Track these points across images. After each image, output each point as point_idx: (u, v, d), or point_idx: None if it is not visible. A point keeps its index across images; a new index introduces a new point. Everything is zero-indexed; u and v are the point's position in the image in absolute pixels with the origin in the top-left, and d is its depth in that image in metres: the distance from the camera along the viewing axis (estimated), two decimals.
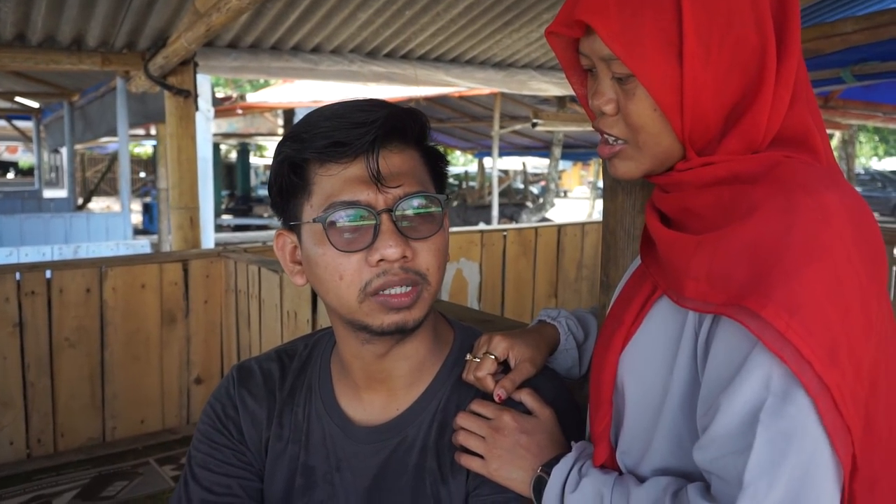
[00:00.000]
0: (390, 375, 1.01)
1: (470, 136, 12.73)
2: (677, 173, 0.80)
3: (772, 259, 0.67)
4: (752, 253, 0.68)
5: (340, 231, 0.89)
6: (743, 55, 0.75)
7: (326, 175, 0.90)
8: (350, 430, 1.02)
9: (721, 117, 0.77)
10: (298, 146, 0.91)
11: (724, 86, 0.75)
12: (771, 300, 0.65)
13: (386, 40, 4.32)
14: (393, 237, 0.88)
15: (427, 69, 4.62)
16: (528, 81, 5.02)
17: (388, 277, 0.89)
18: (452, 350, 1.05)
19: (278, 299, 3.11)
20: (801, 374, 0.63)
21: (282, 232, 0.99)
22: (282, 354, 1.13)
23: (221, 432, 1.07)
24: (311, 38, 4.14)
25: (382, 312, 0.91)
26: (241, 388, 1.09)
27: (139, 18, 3.62)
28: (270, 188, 0.98)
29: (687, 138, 0.78)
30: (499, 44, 4.60)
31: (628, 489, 0.80)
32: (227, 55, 3.95)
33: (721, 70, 0.75)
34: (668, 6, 0.74)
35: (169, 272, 3.59)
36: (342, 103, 0.93)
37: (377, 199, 0.89)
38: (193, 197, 3.82)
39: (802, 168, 0.73)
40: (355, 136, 0.88)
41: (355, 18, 3.92)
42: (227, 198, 15.93)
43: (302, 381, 1.09)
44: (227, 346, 3.76)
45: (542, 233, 4.86)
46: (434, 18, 4.09)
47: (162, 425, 3.66)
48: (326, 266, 0.91)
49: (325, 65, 4.27)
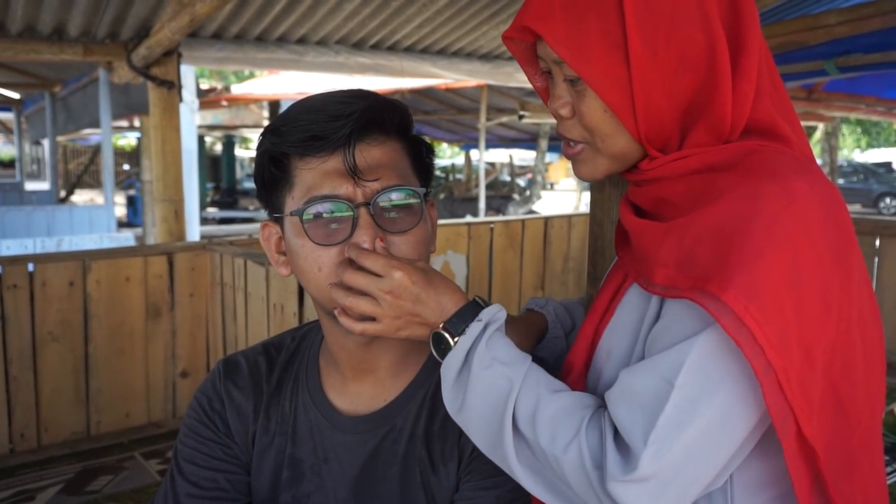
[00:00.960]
0: (376, 366, 1.01)
1: (456, 129, 12.71)
2: (649, 171, 0.81)
3: (735, 244, 0.68)
4: (715, 237, 0.70)
5: (318, 224, 0.90)
6: (691, 53, 0.76)
7: (306, 168, 0.90)
8: (337, 420, 1.02)
9: (676, 115, 0.78)
10: (277, 139, 0.91)
11: (674, 84, 0.76)
12: (732, 284, 0.66)
13: (372, 31, 4.29)
14: (369, 230, 0.88)
15: (413, 61, 4.60)
16: (514, 73, 5.01)
17: None
18: None
19: (265, 292, 3.09)
20: (752, 357, 0.65)
21: (267, 223, 0.99)
22: (269, 347, 1.12)
23: (208, 426, 1.07)
24: (296, 29, 4.11)
25: None
26: (227, 382, 1.08)
27: (122, 8, 3.57)
28: (255, 182, 0.98)
29: (644, 137, 0.79)
30: (485, 35, 4.58)
31: (538, 391, 0.78)
32: (212, 46, 3.91)
33: (670, 69, 0.76)
34: (611, 9, 0.75)
35: (154, 265, 3.56)
36: (323, 95, 0.92)
37: (355, 192, 0.89)
38: (178, 189, 3.79)
39: (774, 156, 0.74)
40: (332, 129, 0.87)
41: (341, 9, 3.89)
42: (213, 190, 15.81)
43: (289, 374, 1.09)
44: (212, 339, 3.74)
45: (529, 225, 4.86)
46: (420, 9, 4.07)
47: (147, 419, 3.64)
48: (306, 258, 0.91)
49: (310, 56, 4.24)
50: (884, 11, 3.92)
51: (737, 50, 0.76)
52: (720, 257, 0.69)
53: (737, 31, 0.77)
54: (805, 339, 0.67)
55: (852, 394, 0.70)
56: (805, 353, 0.67)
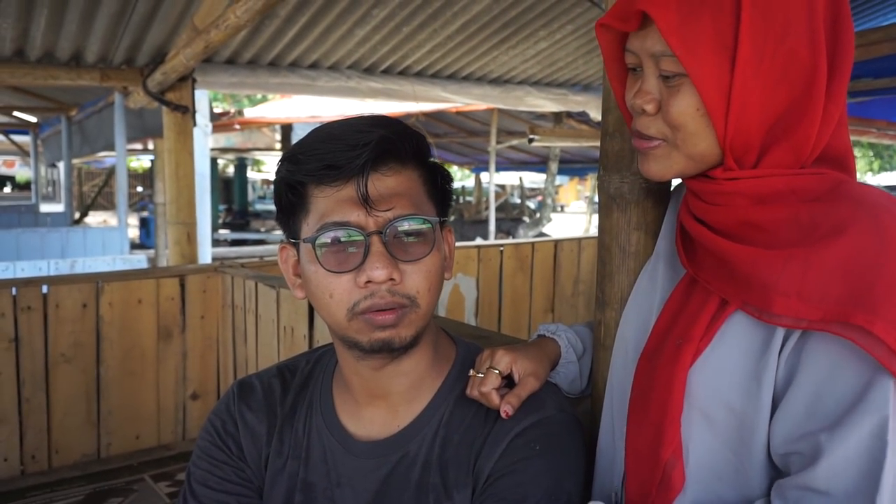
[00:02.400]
0: (389, 391, 1.01)
1: (467, 151, 12.77)
2: (725, 182, 0.80)
3: (871, 275, 0.69)
4: (848, 270, 0.70)
5: (330, 252, 0.91)
6: (793, 68, 0.75)
7: (321, 196, 0.92)
8: (351, 445, 1.02)
9: (764, 128, 0.77)
10: (294, 167, 0.93)
11: (771, 96, 0.76)
12: (878, 316, 0.67)
13: (383, 56, 4.34)
14: (381, 259, 0.89)
15: (424, 85, 4.64)
16: (524, 97, 5.05)
17: (375, 300, 0.91)
18: (455, 366, 1.05)
19: (275, 315, 3.10)
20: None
21: (285, 245, 1.01)
22: (283, 370, 1.13)
23: (221, 448, 1.07)
24: (308, 55, 4.17)
25: (369, 330, 0.92)
26: (241, 404, 1.09)
27: (138, 35, 3.64)
28: (276, 204, 1.00)
29: (728, 144, 0.78)
30: (495, 60, 4.63)
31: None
32: (226, 71, 3.97)
33: (771, 80, 0.75)
34: (727, 9, 0.74)
35: (166, 287, 3.58)
36: (342, 122, 0.94)
37: (367, 221, 0.90)
38: (191, 212, 3.83)
39: (864, 188, 0.76)
40: (347, 159, 0.89)
41: (353, 35, 3.95)
42: (225, 212, 15.93)
43: (303, 397, 1.09)
44: (223, 361, 3.75)
45: (539, 248, 4.86)
46: (431, 35, 4.12)
47: (157, 441, 3.64)
48: (318, 284, 0.93)
49: (322, 80, 4.29)
50: (892, 37, 3.94)
51: (832, 70, 0.76)
52: (857, 289, 0.69)
53: (835, 50, 0.76)
54: None
55: None
56: None
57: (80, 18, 3.47)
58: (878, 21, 5.14)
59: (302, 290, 1.00)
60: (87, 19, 3.49)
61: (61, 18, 3.47)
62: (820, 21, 0.75)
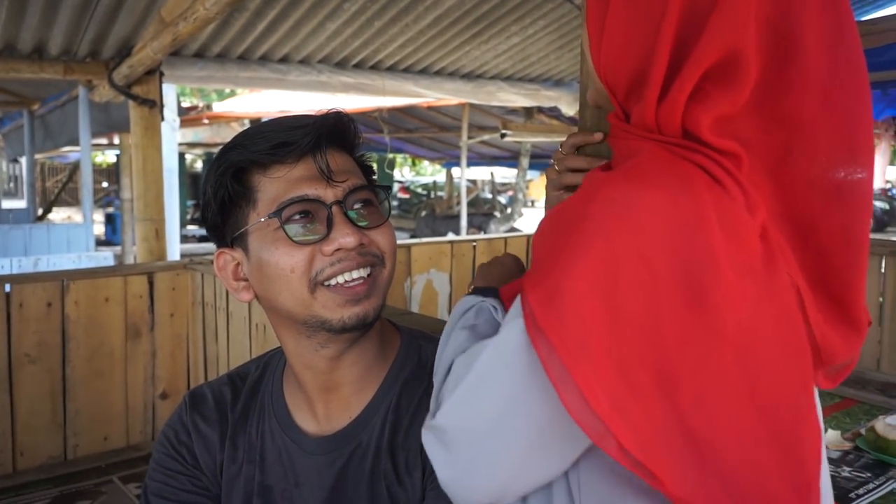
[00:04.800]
0: (342, 382, 1.01)
1: (438, 147, 12.75)
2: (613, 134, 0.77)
3: (558, 243, 0.65)
4: (550, 235, 0.68)
5: (294, 224, 0.92)
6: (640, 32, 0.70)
7: (271, 178, 0.93)
8: (305, 443, 1.03)
9: (627, 74, 0.72)
10: (241, 151, 0.94)
11: (629, 41, 0.71)
12: (540, 285, 0.64)
13: (355, 51, 4.31)
14: (349, 226, 0.92)
15: (396, 80, 4.61)
16: (496, 93, 5.04)
17: (345, 263, 0.91)
18: (400, 351, 1.06)
19: (247, 312, 3.06)
20: (546, 360, 0.63)
21: (222, 251, 1.00)
22: (234, 377, 1.13)
23: (175, 459, 1.08)
24: (279, 49, 4.11)
25: (339, 305, 0.92)
26: (193, 413, 1.09)
27: (103, 27, 3.56)
28: (206, 208, 0.99)
29: (603, 80, 0.76)
30: (467, 55, 4.62)
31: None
32: (194, 65, 3.90)
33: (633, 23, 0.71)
34: None
35: (134, 285, 3.51)
36: (275, 118, 0.98)
37: (326, 193, 0.92)
38: (159, 209, 3.76)
39: (651, 161, 0.67)
40: (299, 135, 0.91)
41: (324, 29, 3.91)
42: (193, 207, 15.71)
43: (254, 402, 1.09)
44: (193, 360, 3.69)
45: (512, 243, 4.87)
46: (403, 29, 4.09)
47: (126, 442, 3.57)
48: (277, 263, 0.92)
49: (293, 75, 4.24)
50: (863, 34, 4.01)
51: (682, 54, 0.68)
52: (546, 254, 0.66)
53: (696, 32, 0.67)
54: (619, 354, 0.62)
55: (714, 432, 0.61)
56: (620, 370, 0.61)
57: (43, 9, 3.38)
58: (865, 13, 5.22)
59: (248, 292, 0.99)
60: (51, 10, 3.40)
61: (23, 9, 3.38)
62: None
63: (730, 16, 0.65)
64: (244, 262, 0.97)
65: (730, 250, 0.63)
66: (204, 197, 0.99)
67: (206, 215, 1.00)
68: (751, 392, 0.62)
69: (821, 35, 0.66)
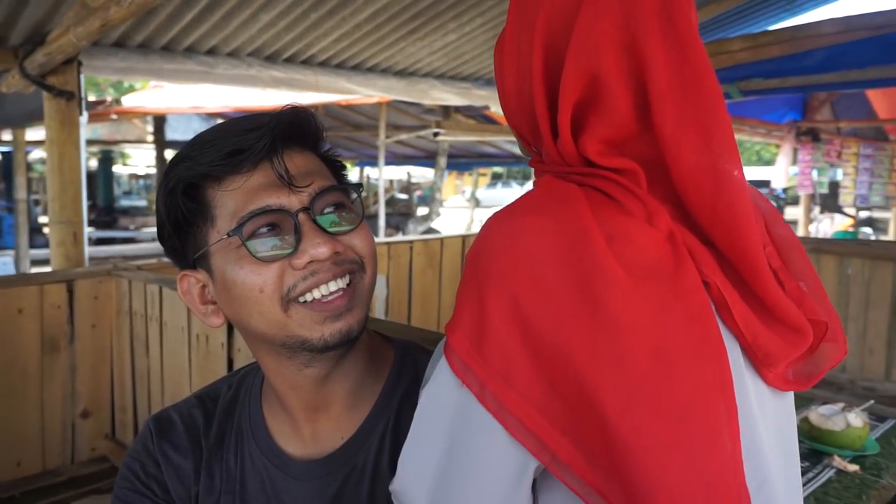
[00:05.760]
0: (331, 400, 0.92)
1: (352, 146, 12.55)
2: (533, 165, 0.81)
3: (462, 286, 0.69)
4: (463, 275, 0.71)
5: (256, 242, 0.82)
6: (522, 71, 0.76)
7: (227, 191, 0.83)
8: (292, 468, 0.93)
9: (525, 117, 0.77)
10: (190, 164, 0.83)
11: (520, 93, 0.76)
12: (458, 326, 0.67)
13: (287, 44, 4.11)
14: (319, 234, 0.82)
15: (328, 76, 4.45)
16: (428, 90, 4.96)
17: (319, 276, 0.82)
18: (394, 364, 0.98)
19: (185, 322, 2.84)
20: (481, 395, 0.65)
21: (185, 274, 0.89)
22: (203, 399, 1.02)
23: (144, 494, 0.96)
24: (207, 40, 3.87)
25: (318, 322, 0.83)
26: (161, 441, 0.98)
27: (11, 11, 3.22)
28: (161, 229, 0.88)
29: (510, 123, 0.80)
30: (402, 52, 4.51)
31: None
32: (114, 55, 3.60)
33: (519, 76, 0.76)
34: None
35: (51, 294, 3.20)
36: (226, 121, 0.87)
37: (290, 200, 0.83)
38: (77, 210, 3.45)
39: (540, 189, 0.73)
40: (252, 139, 0.82)
41: (257, 20, 3.70)
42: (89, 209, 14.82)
43: (230, 425, 0.99)
44: (118, 374, 3.41)
45: (448, 244, 4.81)
46: (339, 23, 3.94)
47: (42, 467, 3.26)
48: (244, 283, 0.82)
49: (221, 68, 4.00)
50: (781, 40, 4.19)
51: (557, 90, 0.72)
52: (458, 296, 0.70)
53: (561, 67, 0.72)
54: (546, 373, 0.64)
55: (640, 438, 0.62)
56: (552, 387, 0.64)
57: None
58: (768, 23, 5.46)
59: (218, 315, 0.89)
60: None
61: None
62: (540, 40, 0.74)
63: (582, 46, 0.70)
64: (209, 283, 0.87)
65: (625, 259, 0.66)
66: (158, 217, 0.89)
67: (162, 238, 0.90)
68: (669, 393, 0.64)
69: (666, 58, 0.70)
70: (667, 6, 0.72)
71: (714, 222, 0.71)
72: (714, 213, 0.70)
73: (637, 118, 0.71)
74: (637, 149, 0.72)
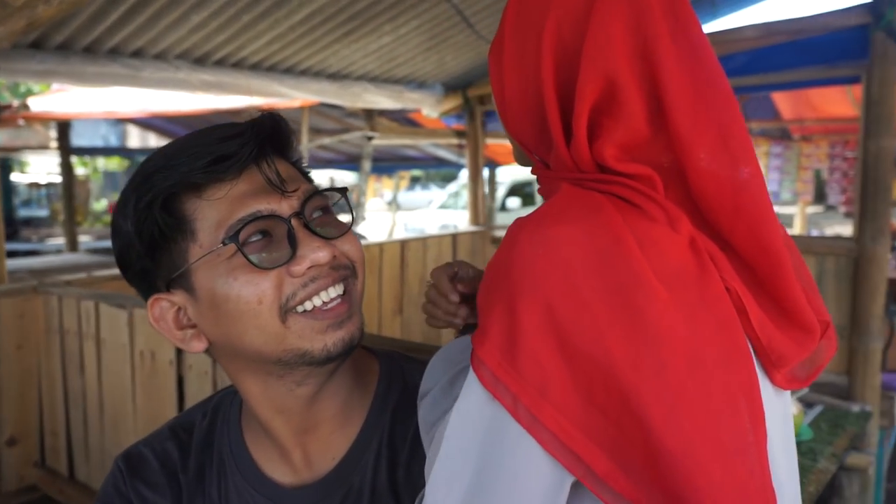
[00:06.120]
0: (321, 420, 0.89)
1: None
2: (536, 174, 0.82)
3: (493, 295, 0.68)
4: (486, 286, 0.70)
5: (251, 249, 0.79)
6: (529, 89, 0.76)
7: (211, 201, 0.79)
8: (282, 497, 0.89)
9: (532, 127, 0.77)
10: (168, 174, 0.78)
11: (524, 95, 0.76)
12: (487, 338, 0.66)
13: (218, 46, 3.97)
14: (316, 239, 0.80)
15: (260, 79, 4.32)
16: (361, 94, 4.89)
17: (320, 282, 0.80)
18: (381, 377, 0.95)
19: (127, 338, 2.69)
20: (512, 410, 0.64)
21: (158, 298, 0.84)
22: (176, 430, 0.97)
23: None
24: (132, 41, 3.68)
25: (319, 332, 0.80)
26: (133, 480, 0.92)
27: None
28: (126, 252, 0.82)
29: (512, 134, 0.80)
30: (336, 54, 4.43)
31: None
32: (31, 57, 3.37)
33: (523, 78, 0.76)
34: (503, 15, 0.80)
35: None
36: (191, 133, 0.83)
37: (282, 206, 0.80)
38: None
39: (564, 199, 0.71)
40: (237, 145, 0.79)
41: (187, 20, 3.55)
42: None
43: (210, 457, 0.94)
44: (48, 397, 3.20)
45: (387, 248, 4.76)
46: (273, 25, 3.83)
47: None
48: (239, 296, 0.78)
49: (147, 71, 3.82)
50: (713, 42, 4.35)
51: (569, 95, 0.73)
52: (483, 308, 0.69)
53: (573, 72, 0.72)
54: (583, 386, 0.63)
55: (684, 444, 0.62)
56: (588, 400, 0.63)
57: None
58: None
59: (199, 339, 0.85)
60: None
61: None
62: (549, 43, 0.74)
63: (597, 50, 0.70)
64: (189, 305, 0.83)
65: (655, 266, 0.66)
66: (121, 239, 0.82)
67: (127, 261, 0.83)
68: (705, 399, 0.64)
69: (678, 59, 0.70)
70: (674, 8, 0.72)
71: (735, 222, 0.70)
72: (736, 213, 0.70)
73: (649, 122, 0.71)
74: (649, 154, 0.72)
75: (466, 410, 0.68)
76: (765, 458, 0.68)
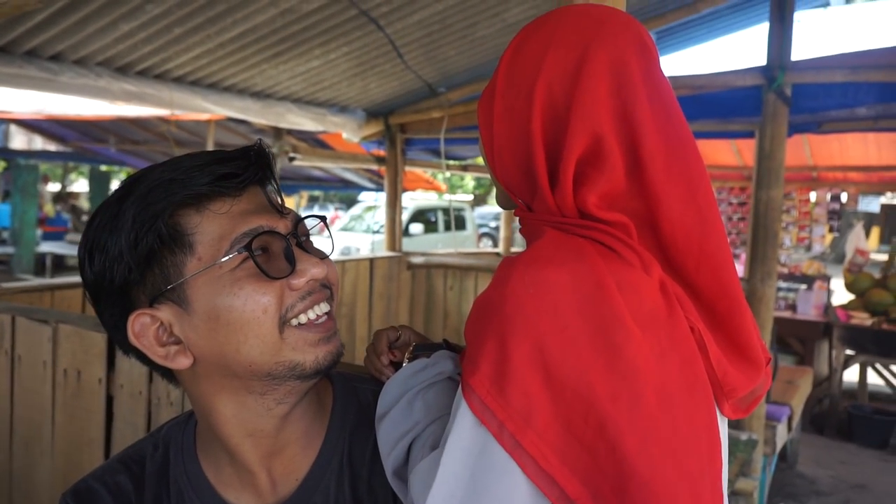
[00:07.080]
0: (288, 441, 0.92)
1: None
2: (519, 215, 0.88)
3: (484, 330, 0.74)
4: (474, 321, 0.77)
5: (261, 259, 0.83)
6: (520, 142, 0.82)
7: (214, 214, 0.83)
8: None
9: (519, 174, 0.84)
10: (177, 186, 0.82)
11: (515, 146, 0.83)
12: (478, 368, 0.73)
13: (142, 56, 3.87)
14: (311, 257, 0.86)
15: (183, 92, 4.23)
16: (285, 114, 4.87)
17: (314, 296, 0.86)
18: (336, 396, 0.99)
19: (49, 355, 2.56)
20: (499, 435, 0.71)
21: (141, 313, 0.84)
22: (127, 463, 0.96)
23: None
24: (52, 44, 3.53)
25: (312, 345, 0.85)
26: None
27: None
28: (113, 267, 0.82)
29: (501, 182, 0.87)
30: (262, 73, 4.41)
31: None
32: None
33: (514, 131, 0.83)
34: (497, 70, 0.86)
35: None
36: (185, 155, 0.87)
37: (279, 224, 0.86)
38: None
39: (548, 243, 0.78)
40: (242, 166, 0.84)
41: (116, 28, 3.45)
42: None
43: (165, 488, 0.94)
44: None
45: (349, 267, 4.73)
46: (204, 40, 3.78)
47: None
48: (244, 307, 0.82)
49: (66, 76, 3.67)
50: None
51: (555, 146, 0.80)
52: (472, 340, 0.76)
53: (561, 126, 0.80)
54: (564, 416, 0.70)
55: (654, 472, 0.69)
56: (568, 429, 0.70)
57: None
58: None
59: (185, 355, 0.85)
60: None
61: None
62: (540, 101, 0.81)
63: (585, 109, 0.78)
64: (178, 320, 0.84)
65: (632, 307, 0.73)
66: (105, 255, 0.82)
67: (111, 276, 0.82)
68: (673, 429, 0.71)
69: (654, 120, 0.79)
70: (649, 74, 0.81)
71: (700, 264, 0.79)
72: (701, 255, 0.79)
73: (627, 175, 0.79)
74: (625, 203, 0.80)
75: (458, 436, 0.73)
76: (719, 482, 0.77)
